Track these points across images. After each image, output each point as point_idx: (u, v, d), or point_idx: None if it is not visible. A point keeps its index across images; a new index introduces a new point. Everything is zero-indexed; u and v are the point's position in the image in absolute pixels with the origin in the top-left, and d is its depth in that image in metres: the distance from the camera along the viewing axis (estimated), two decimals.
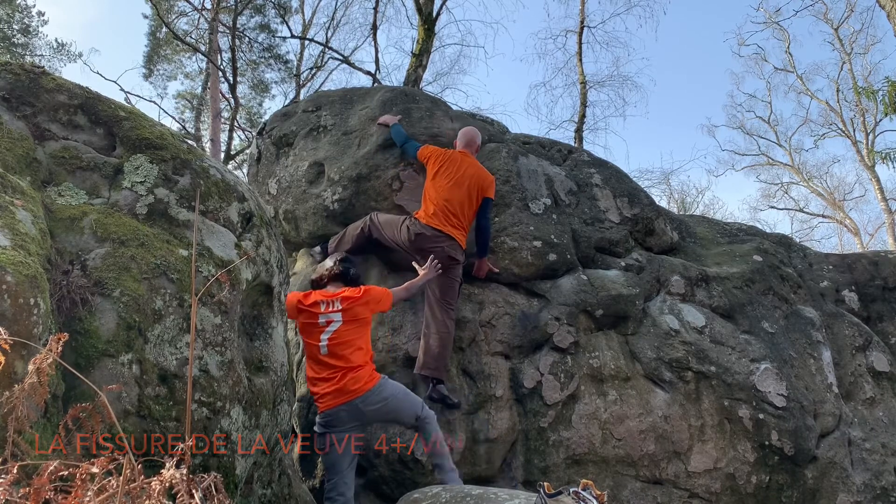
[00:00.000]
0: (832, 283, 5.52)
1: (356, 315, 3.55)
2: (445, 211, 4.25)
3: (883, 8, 7.60)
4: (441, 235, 4.20)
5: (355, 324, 3.54)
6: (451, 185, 4.29)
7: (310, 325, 3.57)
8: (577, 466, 4.13)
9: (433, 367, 4.06)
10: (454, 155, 4.46)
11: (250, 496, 3.03)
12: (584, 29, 16.81)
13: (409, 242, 4.25)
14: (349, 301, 3.56)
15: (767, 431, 4.26)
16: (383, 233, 4.40)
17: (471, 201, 4.34)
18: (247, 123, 20.32)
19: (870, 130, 22.16)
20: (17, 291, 1.96)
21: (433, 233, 4.20)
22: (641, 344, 4.50)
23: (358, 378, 3.42)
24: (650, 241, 5.22)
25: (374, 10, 15.37)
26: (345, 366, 3.43)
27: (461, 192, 4.30)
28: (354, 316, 3.54)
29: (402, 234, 4.28)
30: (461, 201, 4.29)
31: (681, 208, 25.27)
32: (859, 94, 17.02)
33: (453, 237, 4.23)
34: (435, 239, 4.19)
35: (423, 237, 4.20)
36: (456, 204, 4.27)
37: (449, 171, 4.35)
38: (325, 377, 3.45)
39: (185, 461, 1.56)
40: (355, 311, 3.55)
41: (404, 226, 4.29)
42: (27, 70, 3.01)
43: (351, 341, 3.49)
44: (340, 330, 3.49)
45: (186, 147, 3.19)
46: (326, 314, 3.53)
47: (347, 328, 3.51)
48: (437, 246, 4.18)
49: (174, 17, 18.06)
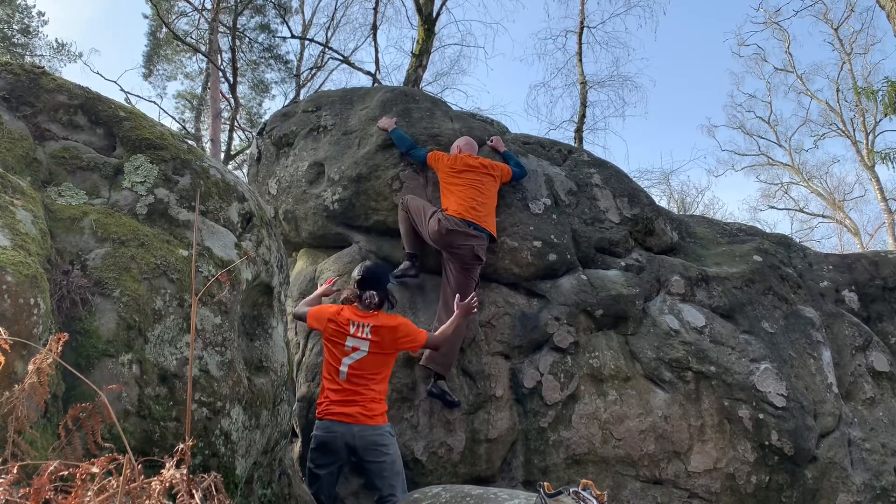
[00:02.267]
0: (832, 283, 5.52)
1: (384, 348, 3.41)
2: (472, 201, 4.28)
3: (883, 8, 7.60)
4: (471, 231, 4.18)
5: (381, 356, 3.41)
6: (470, 178, 4.37)
7: (336, 343, 3.44)
8: (577, 466, 4.14)
9: (440, 363, 4.04)
10: (459, 157, 4.53)
11: (250, 496, 3.03)
12: (584, 29, 16.81)
13: (437, 236, 4.18)
14: (381, 332, 3.40)
15: (767, 431, 4.26)
16: (412, 217, 4.36)
17: (491, 186, 4.44)
18: (247, 123, 20.33)
19: (870, 130, 22.16)
20: (17, 291, 1.96)
21: (465, 228, 4.17)
22: (641, 344, 4.50)
23: (369, 409, 3.33)
24: (650, 241, 5.22)
25: (374, 10, 15.39)
26: (361, 393, 3.35)
27: (481, 179, 4.39)
28: (382, 348, 3.41)
29: (430, 227, 4.21)
30: (481, 190, 4.36)
31: (681, 208, 25.28)
32: (859, 95, 17.00)
33: (485, 229, 4.26)
34: (466, 236, 4.16)
35: (455, 233, 4.15)
36: (478, 193, 4.34)
37: (460, 169, 4.43)
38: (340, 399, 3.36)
39: (185, 461, 1.56)
40: (384, 343, 3.41)
41: (434, 219, 4.21)
42: (27, 70, 3.01)
43: (372, 374, 3.39)
44: (364, 361, 3.37)
45: (186, 147, 3.19)
46: (355, 338, 3.39)
47: (372, 359, 3.39)
48: (465, 244, 4.16)
49: (174, 17, 18.06)
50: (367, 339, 3.39)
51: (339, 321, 3.47)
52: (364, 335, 3.40)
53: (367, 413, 3.32)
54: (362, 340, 3.39)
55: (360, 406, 3.33)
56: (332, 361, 3.44)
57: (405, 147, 4.69)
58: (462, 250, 4.15)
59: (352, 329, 3.41)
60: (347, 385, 3.37)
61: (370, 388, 3.37)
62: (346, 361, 3.38)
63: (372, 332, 3.40)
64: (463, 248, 4.15)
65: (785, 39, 23.97)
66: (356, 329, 3.41)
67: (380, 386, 3.43)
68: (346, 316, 3.47)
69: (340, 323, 3.45)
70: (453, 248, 4.16)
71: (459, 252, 4.17)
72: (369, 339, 3.39)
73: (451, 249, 4.18)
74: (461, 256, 4.17)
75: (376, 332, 3.40)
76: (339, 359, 3.41)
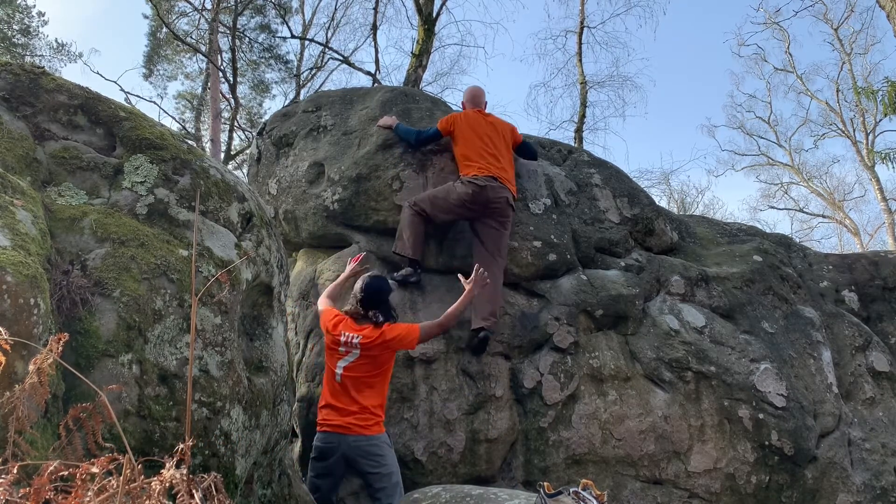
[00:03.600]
0: (832, 283, 5.52)
1: (373, 356, 3.44)
2: (493, 157, 4.38)
3: (883, 8, 7.60)
4: (501, 185, 4.30)
5: (372, 363, 3.43)
6: (484, 135, 4.46)
7: (332, 349, 3.52)
8: (577, 466, 4.14)
9: (486, 317, 4.13)
10: (470, 113, 4.64)
11: (250, 496, 3.03)
12: (584, 29, 16.83)
13: (470, 200, 4.24)
14: (367, 343, 3.43)
15: (767, 431, 4.26)
16: (435, 207, 4.35)
17: (506, 145, 4.55)
18: (247, 123, 20.34)
19: (870, 130, 22.18)
20: (17, 291, 1.96)
21: (496, 183, 4.28)
22: (641, 344, 4.50)
23: (363, 420, 3.35)
24: (650, 242, 5.22)
25: (374, 10, 15.40)
26: (356, 402, 3.37)
27: (495, 136, 4.50)
28: (371, 356, 3.43)
29: (459, 196, 4.26)
30: (497, 145, 4.46)
31: (681, 208, 25.29)
32: (859, 95, 17.00)
33: (510, 180, 4.37)
34: (499, 190, 4.27)
35: (488, 189, 4.24)
36: (494, 148, 4.43)
37: (474, 125, 4.51)
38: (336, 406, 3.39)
39: (185, 461, 1.56)
40: (373, 353, 3.44)
41: (459, 187, 4.29)
42: (27, 70, 3.01)
43: (365, 378, 3.42)
44: (356, 363, 3.41)
45: (186, 147, 3.19)
46: (346, 344, 3.45)
47: (363, 363, 3.42)
48: (500, 196, 4.28)
49: (174, 17, 18.08)
50: (357, 347, 3.44)
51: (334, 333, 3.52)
52: (353, 343, 3.44)
53: (361, 423, 3.36)
54: (353, 348, 3.44)
55: (354, 416, 3.36)
56: (330, 365, 3.52)
57: (413, 136, 4.71)
58: (499, 203, 4.25)
59: (343, 338, 3.47)
60: (341, 390, 3.42)
61: (365, 396, 3.40)
62: (341, 364, 3.44)
63: (361, 347, 3.44)
64: (500, 200, 4.26)
65: (785, 39, 24.01)
66: (346, 337, 3.47)
67: (376, 394, 3.45)
68: (341, 329, 3.52)
69: (335, 334, 3.51)
70: (492, 204, 4.25)
71: (497, 206, 4.26)
72: (360, 343, 3.44)
73: (490, 206, 4.25)
74: (499, 210, 4.27)
75: (364, 346, 3.44)
76: (335, 362, 3.48)
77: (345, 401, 3.39)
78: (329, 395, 3.47)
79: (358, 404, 3.38)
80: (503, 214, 4.29)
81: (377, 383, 3.48)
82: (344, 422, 3.36)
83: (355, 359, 3.42)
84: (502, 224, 4.31)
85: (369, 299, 3.54)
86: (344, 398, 3.40)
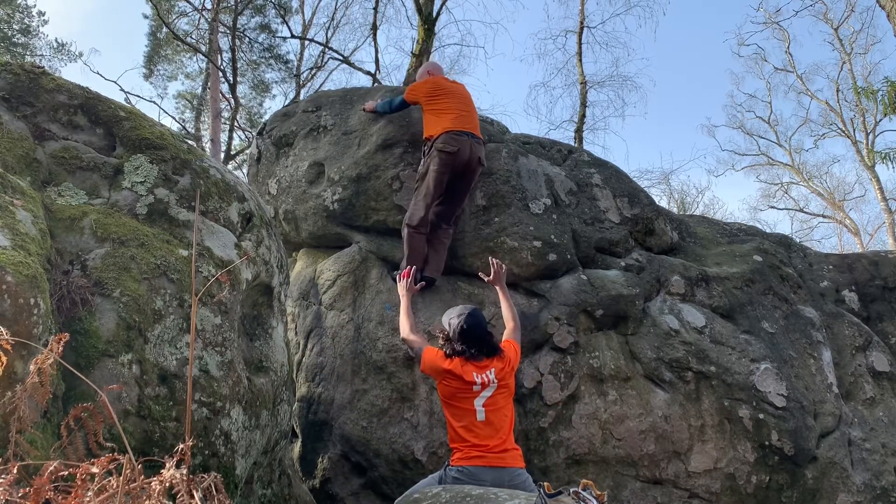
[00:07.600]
0: (832, 283, 5.52)
1: (507, 383, 3.33)
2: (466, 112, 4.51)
3: (883, 8, 7.60)
4: (479, 139, 4.46)
5: (508, 389, 3.34)
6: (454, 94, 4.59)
7: (462, 398, 3.25)
8: (577, 466, 4.13)
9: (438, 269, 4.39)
10: (437, 78, 4.78)
11: (250, 496, 3.03)
12: (584, 29, 16.84)
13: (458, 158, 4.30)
14: (502, 374, 3.29)
15: (767, 431, 4.26)
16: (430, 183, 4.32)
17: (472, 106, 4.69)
18: (247, 123, 20.35)
19: (870, 130, 22.18)
20: (17, 291, 1.97)
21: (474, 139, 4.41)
22: (641, 344, 4.50)
23: (517, 455, 3.21)
24: (650, 241, 5.22)
25: (374, 10, 15.40)
26: (505, 430, 3.22)
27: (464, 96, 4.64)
28: (506, 384, 3.32)
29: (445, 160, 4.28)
30: (468, 104, 4.61)
31: (681, 208, 25.29)
32: (859, 95, 17.01)
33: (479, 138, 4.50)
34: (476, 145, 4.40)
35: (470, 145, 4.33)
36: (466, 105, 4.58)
37: (443, 86, 4.63)
38: (488, 445, 3.14)
39: (185, 461, 1.56)
40: (507, 381, 3.33)
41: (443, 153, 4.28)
42: (27, 70, 3.01)
43: (504, 409, 3.27)
44: (494, 397, 3.24)
45: (186, 147, 3.19)
46: (483, 384, 3.23)
47: (501, 393, 3.28)
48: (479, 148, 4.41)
49: (174, 17, 18.07)
50: (495, 379, 3.27)
51: (467, 380, 3.25)
52: (492, 377, 3.27)
53: (518, 458, 3.20)
54: (490, 383, 3.26)
55: (512, 450, 3.20)
56: (461, 406, 3.24)
57: (387, 107, 4.84)
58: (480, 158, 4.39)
59: (475, 376, 3.25)
60: (487, 425, 3.19)
61: (506, 426, 3.24)
62: (479, 402, 3.22)
63: (498, 379, 3.28)
64: (480, 155, 4.40)
65: (785, 39, 24.06)
66: (479, 376, 3.25)
67: (510, 422, 3.31)
68: (472, 371, 3.26)
69: (468, 381, 3.25)
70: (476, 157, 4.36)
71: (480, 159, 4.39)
72: (496, 378, 3.27)
73: (473, 162, 4.35)
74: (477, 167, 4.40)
75: (500, 378, 3.29)
76: (470, 402, 3.23)
77: (492, 436, 3.17)
78: (469, 437, 3.17)
79: (507, 434, 3.21)
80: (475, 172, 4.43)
81: (510, 411, 3.34)
82: (498, 456, 3.13)
83: (493, 392, 3.24)
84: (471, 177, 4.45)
85: (479, 340, 3.34)
86: (488, 430, 3.18)
